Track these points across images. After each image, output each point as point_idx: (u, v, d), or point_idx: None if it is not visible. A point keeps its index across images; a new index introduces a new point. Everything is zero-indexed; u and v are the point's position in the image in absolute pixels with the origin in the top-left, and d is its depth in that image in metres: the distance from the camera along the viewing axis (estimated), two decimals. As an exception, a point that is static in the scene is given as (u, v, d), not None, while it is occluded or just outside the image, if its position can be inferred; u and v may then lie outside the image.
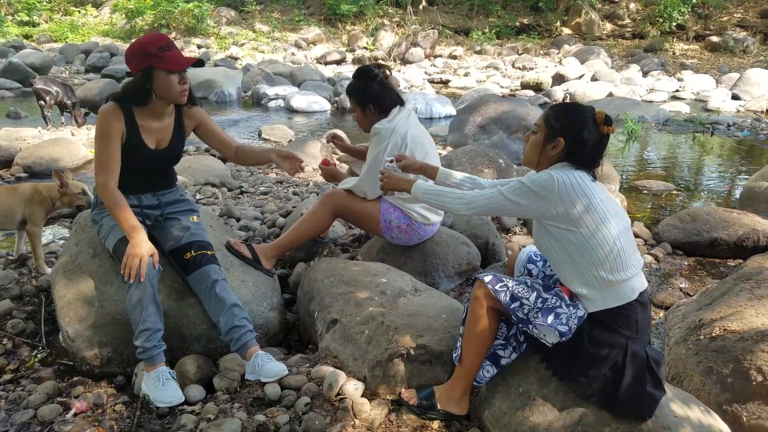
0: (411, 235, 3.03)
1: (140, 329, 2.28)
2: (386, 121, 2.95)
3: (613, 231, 1.89)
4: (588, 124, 1.95)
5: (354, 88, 3.02)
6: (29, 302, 3.06)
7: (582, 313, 1.92)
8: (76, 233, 2.75)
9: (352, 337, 2.36)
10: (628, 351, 1.85)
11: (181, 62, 2.35)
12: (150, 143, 2.48)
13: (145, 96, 2.38)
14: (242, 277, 2.75)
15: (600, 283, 1.89)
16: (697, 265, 3.98)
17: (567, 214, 1.88)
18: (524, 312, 1.93)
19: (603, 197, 1.94)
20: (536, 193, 1.90)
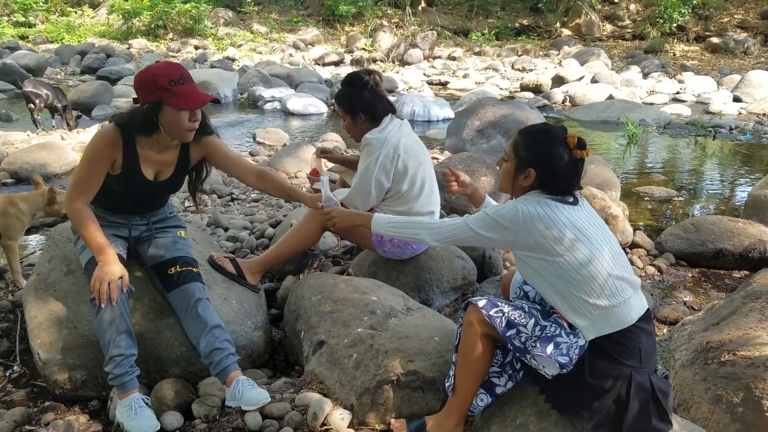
0: (404, 249, 2.89)
1: (111, 354, 2.15)
2: (378, 131, 2.81)
3: (595, 256, 1.77)
4: (559, 151, 1.83)
5: (343, 96, 2.87)
6: (4, 318, 2.93)
7: (583, 343, 1.79)
8: (50, 249, 2.61)
9: (339, 361, 2.22)
10: (633, 382, 1.73)
11: (195, 101, 2.14)
12: (148, 174, 2.32)
13: (151, 128, 2.20)
14: (225, 294, 2.61)
15: (590, 310, 1.77)
16: (702, 277, 3.84)
17: (538, 245, 1.78)
18: (521, 341, 1.80)
19: (583, 221, 1.82)
20: (500, 225, 1.81)
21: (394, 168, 2.78)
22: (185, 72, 2.16)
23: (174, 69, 2.14)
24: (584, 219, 1.83)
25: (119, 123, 2.22)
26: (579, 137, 1.83)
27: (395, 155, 2.77)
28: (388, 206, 2.85)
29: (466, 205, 4.09)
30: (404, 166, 2.79)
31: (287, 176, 5.60)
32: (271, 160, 6.00)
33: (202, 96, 2.17)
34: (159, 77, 2.09)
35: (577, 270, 1.76)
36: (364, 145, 2.80)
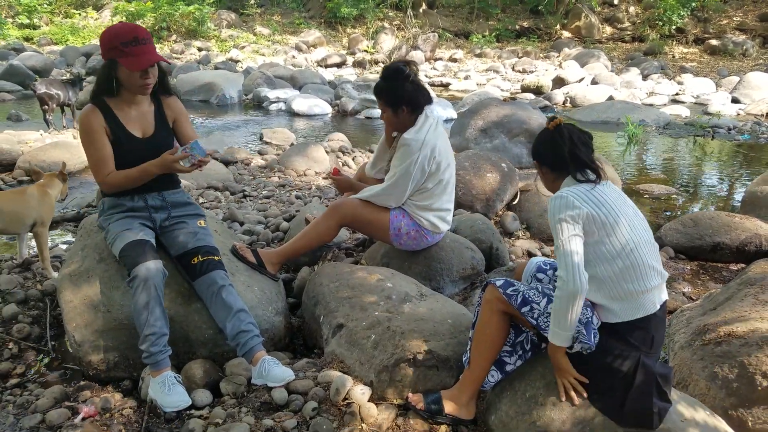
0: (419, 241, 3.03)
1: (146, 333, 2.29)
2: (415, 131, 2.87)
3: (637, 241, 1.90)
4: (542, 136, 2.07)
5: (385, 89, 2.89)
6: (34, 306, 3.06)
7: (597, 323, 1.92)
8: (82, 238, 2.76)
9: (358, 342, 2.36)
10: (640, 364, 1.85)
11: (141, 63, 2.35)
12: (135, 131, 2.51)
13: (112, 85, 2.43)
14: (247, 282, 2.76)
15: (622, 295, 1.89)
16: (700, 270, 3.99)
17: (588, 225, 1.88)
18: (534, 317, 1.95)
19: (617, 200, 1.95)
20: (565, 215, 1.87)
21: (429, 169, 2.89)
22: (140, 33, 2.36)
23: (127, 31, 2.34)
24: (624, 203, 1.97)
25: (93, 94, 2.47)
26: (551, 117, 2.04)
27: (432, 157, 2.87)
28: (413, 200, 2.97)
29: (472, 202, 4.23)
30: (437, 167, 2.90)
31: (296, 174, 5.75)
32: (280, 159, 6.14)
33: (150, 58, 2.36)
34: (113, 38, 2.33)
35: (620, 253, 1.88)
36: (402, 145, 2.87)
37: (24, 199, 3.24)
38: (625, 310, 1.90)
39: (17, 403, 2.32)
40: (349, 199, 3.03)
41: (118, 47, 2.31)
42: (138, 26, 2.41)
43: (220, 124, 9.20)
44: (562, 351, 1.90)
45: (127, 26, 2.37)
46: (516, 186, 4.42)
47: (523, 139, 6.47)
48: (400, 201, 2.95)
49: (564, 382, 1.94)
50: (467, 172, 4.27)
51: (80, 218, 4.40)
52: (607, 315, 1.93)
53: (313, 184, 5.43)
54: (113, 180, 2.44)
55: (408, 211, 2.99)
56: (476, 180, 4.23)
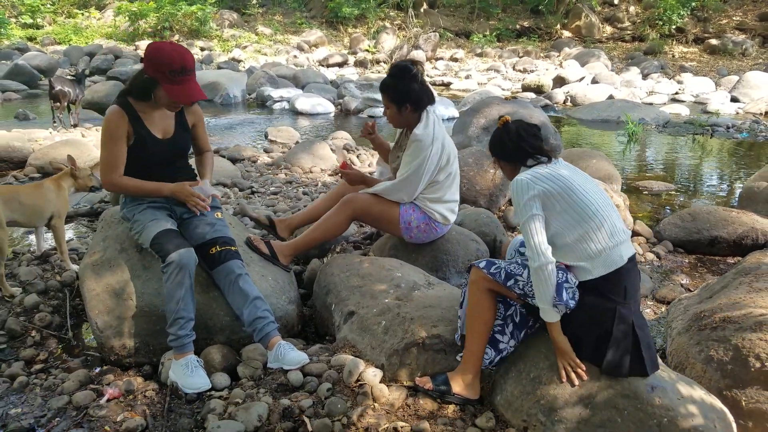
0: (429, 233, 3.14)
1: (175, 317, 2.40)
2: (423, 127, 2.99)
3: (591, 205, 2.06)
4: (495, 134, 2.28)
5: (391, 86, 3.00)
6: (54, 296, 3.18)
7: (574, 282, 2.07)
8: (103, 230, 2.87)
9: (369, 328, 2.47)
10: (617, 315, 2.01)
11: (184, 97, 2.50)
12: (156, 133, 2.62)
13: (146, 97, 2.55)
14: (262, 272, 2.87)
15: (592, 254, 2.05)
16: (698, 263, 4.10)
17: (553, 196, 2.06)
18: (520, 287, 2.10)
19: (571, 174, 2.12)
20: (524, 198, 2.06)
21: (440, 162, 3.02)
22: (188, 63, 2.46)
23: (177, 59, 2.43)
24: (579, 177, 2.14)
25: (122, 93, 2.59)
26: (501, 116, 2.26)
27: (442, 150, 3.01)
28: (424, 194, 3.08)
29: (475, 197, 4.34)
30: (447, 159, 3.04)
31: (302, 171, 5.86)
32: (286, 156, 6.25)
33: (194, 95, 2.50)
34: (162, 64, 2.42)
35: (583, 218, 2.04)
36: (414, 141, 2.98)
37: (42, 192, 3.35)
38: (596, 266, 2.05)
39: (44, 386, 2.43)
40: (361, 194, 3.14)
41: (166, 74, 2.42)
42: (186, 52, 2.47)
43: (224, 123, 9.32)
44: (557, 328, 2.05)
45: (177, 52, 2.43)
46: (518, 182, 4.53)
47: (524, 136, 6.59)
48: (412, 196, 3.06)
49: (564, 364, 2.07)
50: (471, 168, 4.38)
51: (93, 213, 4.52)
52: (581, 273, 2.08)
53: (320, 180, 5.54)
54: (123, 183, 2.57)
55: (419, 204, 3.10)
56: (479, 176, 4.34)
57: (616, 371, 2.00)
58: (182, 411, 2.25)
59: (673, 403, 1.93)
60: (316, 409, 2.15)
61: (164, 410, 2.25)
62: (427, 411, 2.18)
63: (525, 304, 2.18)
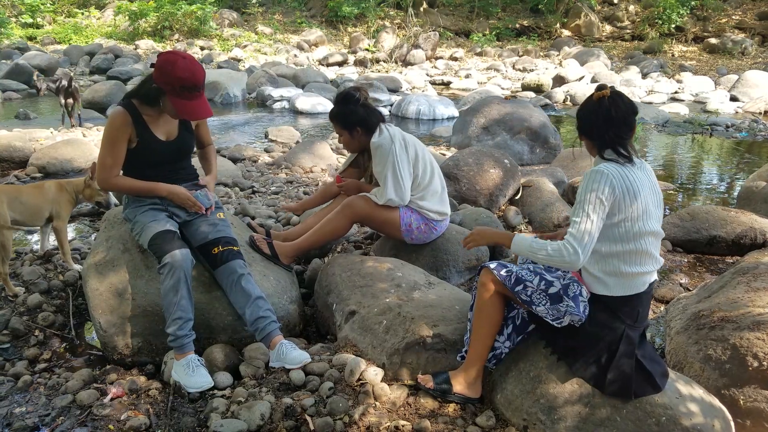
0: (429, 234, 3.18)
1: (173, 317, 2.42)
2: (378, 134, 3.10)
3: (650, 226, 1.99)
4: (585, 107, 2.05)
5: (339, 113, 3.16)
6: (57, 296, 3.20)
7: (586, 295, 2.06)
8: (106, 230, 2.89)
9: (370, 327, 2.49)
10: (624, 335, 2.01)
11: (191, 115, 2.54)
12: (160, 135, 2.64)
13: (153, 102, 2.57)
14: (264, 271, 2.89)
15: (618, 272, 2.01)
16: (697, 262, 4.12)
17: (616, 204, 1.95)
18: (527, 294, 2.08)
19: (646, 188, 1.98)
20: (597, 189, 1.92)
21: (409, 155, 3.06)
22: (199, 81, 2.48)
23: (190, 76, 2.44)
24: (651, 189, 2.02)
25: (129, 95, 2.62)
26: (599, 84, 2.05)
27: (406, 144, 3.08)
28: (412, 196, 3.12)
29: (475, 197, 4.36)
30: (414, 152, 3.10)
31: (303, 170, 5.88)
32: (286, 156, 6.27)
33: (201, 114, 2.55)
34: (175, 79, 2.42)
35: (632, 238, 1.98)
36: (375, 148, 3.07)
37: (41, 192, 3.37)
38: (617, 286, 2.02)
39: (48, 385, 2.45)
40: (362, 197, 3.16)
41: (176, 88, 2.44)
42: (199, 70, 2.47)
43: (225, 121, 9.33)
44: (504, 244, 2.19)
45: (190, 70, 2.43)
46: (518, 181, 4.55)
47: (524, 136, 6.62)
48: (405, 198, 3.10)
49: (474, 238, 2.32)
50: (471, 168, 4.40)
51: (95, 213, 4.53)
52: (597, 287, 2.04)
53: (320, 180, 5.56)
54: (118, 182, 2.60)
55: (413, 207, 3.13)
56: (480, 176, 4.36)
57: (620, 393, 1.97)
58: (185, 410, 2.27)
59: (671, 402, 1.96)
60: (318, 407, 2.17)
61: (167, 409, 2.27)
62: (428, 410, 2.21)
63: (528, 311, 2.19)
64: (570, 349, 2.08)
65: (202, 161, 3.01)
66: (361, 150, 3.28)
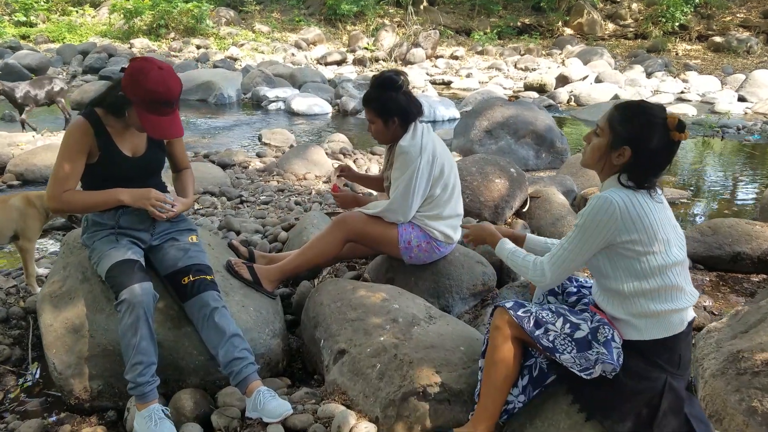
0: (430, 253, 2.84)
1: (132, 362, 2.11)
2: (410, 138, 2.72)
3: (675, 261, 1.76)
4: (659, 131, 1.74)
5: (376, 98, 2.75)
6: (16, 325, 2.88)
7: (619, 341, 1.77)
8: (65, 255, 2.56)
9: (362, 371, 2.17)
10: (667, 387, 1.72)
11: (159, 131, 2.23)
12: (125, 150, 2.34)
13: (118, 113, 2.27)
14: (243, 301, 2.56)
15: (648, 313, 1.75)
16: (720, 281, 3.79)
17: (629, 241, 1.74)
18: (549, 339, 1.79)
19: (663, 219, 1.77)
20: (599, 222, 1.74)
21: (433, 173, 2.72)
22: (173, 96, 2.17)
23: (164, 91, 2.14)
24: (665, 217, 1.79)
25: (87, 109, 2.30)
26: (680, 119, 1.74)
27: (434, 160, 2.71)
28: (421, 212, 2.78)
29: (479, 209, 4.04)
30: (440, 170, 2.74)
31: (296, 178, 5.55)
32: (279, 162, 5.95)
33: (169, 131, 2.24)
34: (146, 92, 2.12)
35: (655, 275, 1.73)
36: (400, 154, 2.70)
37: (4, 209, 3.05)
38: (650, 328, 1.75)
39: (-8, 438, 2.14)
40: (356, 213, 2.84)
41: (145, 101, 2.13)
42: (175, 84, 2.18)
43: (217, 125, 9.00)
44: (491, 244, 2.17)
45: (164, 83, 2.13)
46: (525, 192, 4.22)
47: (529, 140, 6.30)
48: (408, 215, 2.76)
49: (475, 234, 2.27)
50: (474, 177, 4.08)
51: (69, 227, 4.21)
52: (629, 331, 1.78)
53: (313, 188, 5.24)
54: (69, 198, 2.25)
55: (418, 224, 2.80)
56: (484, 186, 4.03)
57: None
58: (145, 472, 1.95)
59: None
60: (298, 473, 1.85)
61: (125, 471, 1.95)
62: (428, 475, 1.89)
63: (549, 359, 1.88)
64: (601, 403, 1.76)
65: (176, 185, 2.64)
66: (392, 142, 2.86)
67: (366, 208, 2.87)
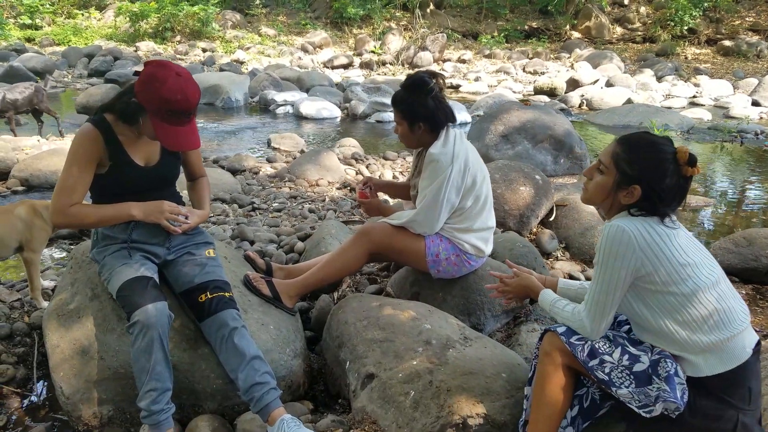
0: (460, 267, 2.66)
1: (146, 389, 1.94)
2: (441, 145, 2.55)
3: (709, 287, 1.61)
4: (669, 168, 1.63)
5: (403, 100, 2.59)
6: (20, 342, 2.72)
7: (682, 376, 1.60)
8: (73, 271, 2.40)
9: (393, 399, 2.00)
10: (739, 425, 1.56)
11: (176, 143, 2.06)
12: (138, 160, 2.18)
13: (131, 121, 2.10)
14: (262, 319, 2.40)
15: (702, 347, 1.60)
16: (757, 295, 3.61)
17: (649, 273, 1.60)
18: (605, 372, 1.63)
19: (686, 244, 1.64)
20: (617, 255, 1.61)
21: (464, 184, 2.55)
22: (192, 105, 2.02)
23: (182, 100, 1.98)
24: (692, 245, 1.65)
25: (97, 115, 2.14)
26: (690, 153, 1.63)
27: (465, 170, 2.54)
28: (450, 223, 2.62)
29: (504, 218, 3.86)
30: (472, 180, 2.57)
31: (308, 184, 5.39)
32: (290, 167, 5.79)
33: (187, 142, 2.08)
34: (162, 99, 1.96)
35: (691, 304, 1.59)
36: (429, 162, 2.53)
37: (8, 219, 2.89)
38: (709, 362, 1.60)
39: (-7, 470, 1.97)
40: (380, 223, 2.67)
41: (162, 111, 1.98)
42: (193, 93, 2.02)
43: (225, 129, 8.86)
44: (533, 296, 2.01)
45: (182, 91, 1.97)
46: (551, 200, 4.04)
47: (547, 145, 6.12)
48: (435, 227, 2.59)
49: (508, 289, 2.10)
50: (498, 185, 3.90)
51: (77, 236, 4.05)
52: (689, 368, 1.63)
53: (327, 195, 5.07)
54: (76, 212, 2.08)
55: (446, 236, 2.63)
56: (508, 194, 3.86)
57: None
58: None
59: None
60: None
61: None
62: None
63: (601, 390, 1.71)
64: None
65: (192, 197, 2.50)
66: (419, 147, 2.70)
67: (390, 218, 2.70)
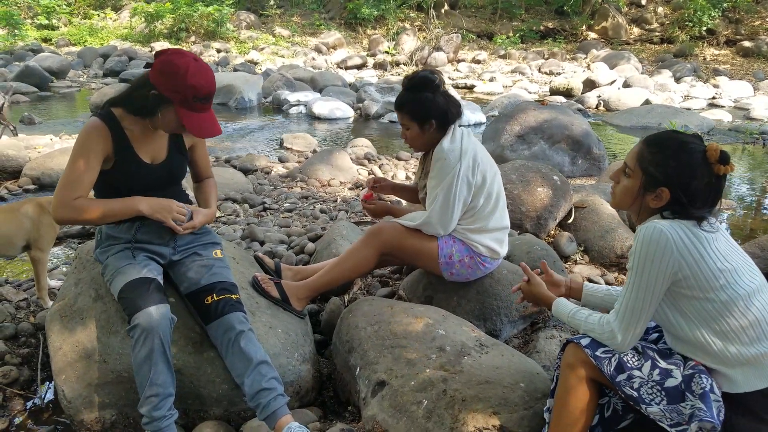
0: (474, 269, 2.56)
1: (147, 394, 1.87)
2: (448, 142, 2.45)
3: (751, 294, 1.50)
4: (698, 169, 1.52)
5: (411, 101, 2.47)
6: (25, 343, 2.67)
7: (718, 393, 1.49)
8: (76, 271, 2.33)
9: (405, 408, 1.91)
10: None
11: (203, 129, 2.00)
12: (145, 157, 2.11)
13: (149, 113, 2.02)
14: (270, 322, 2.32)
15: (741, 360, 1.49)
16: (784, 301, 3.47)
17: (686, 278, 1.50)
18: (634, 387, 1.52)
19: (725, 249, 1.53)
20: (653, 261, 1.50)
21: (474, 181, 2.46)
22: (214, 88, 2.00)
23: (206, 84, 1.95)
24: (732, 250, 1.54)
25: (104, 109, 2.06)
26: (721, 149, 1.51)
27: (475, 166, 2.44)
28: (462, 224, 2.52)
29: (521, 220, 3.75)
30: (483, 177, 2.46)
31: (320, 184, 5.32)
32: (302, 167, 5.72)
33: (214, 130, 2.03)
34: (186, 86, 1.90)
35: (729, 312, 1.48)
36: (437, 159, 2.44)
37: (14, 217, 2.84)
38: (748, 377, 1.49)
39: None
40: (391, 223, 2.57)
41: (189, 99, 1.93)
42: (212, 73, 1.99)
43: (238, 128, 8.82)
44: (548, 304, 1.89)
45: (204, 75, 1.94)
46: (570, 201, 3.93)
47: (564, 146, 6.00)
48: (449, 228, 2.50)
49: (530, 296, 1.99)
50: (515, 185, 3.80)
51: (85, 234, 4.01)
52: (725, 383, 1.52)
53: (339, 195, 5.00)
54: (80, 205, 1.98)
55: (459, 237, 2.53)
56: (525, 195, 3.75)
57: None
58: None
59: None
60: None
61: None
62: None
63: (626, 402, 1.61)
64: None
65: (198, 195, 2.42)
66: (428, 149, 2.58)
67: (402, 218, 2.61)
